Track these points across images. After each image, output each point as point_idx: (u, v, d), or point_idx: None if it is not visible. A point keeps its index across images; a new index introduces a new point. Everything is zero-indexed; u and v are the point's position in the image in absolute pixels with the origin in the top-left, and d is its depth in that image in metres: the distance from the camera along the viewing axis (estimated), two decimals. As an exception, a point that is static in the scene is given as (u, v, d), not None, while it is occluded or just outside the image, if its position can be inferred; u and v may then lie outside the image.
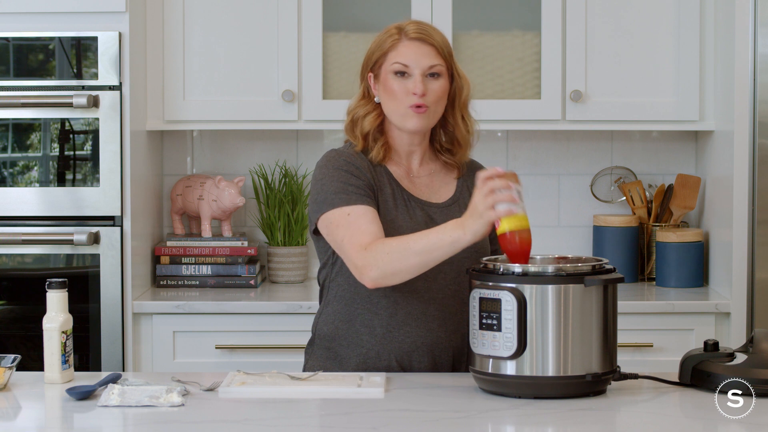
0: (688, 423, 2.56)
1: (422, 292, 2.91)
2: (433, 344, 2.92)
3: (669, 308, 4.03)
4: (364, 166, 2.93)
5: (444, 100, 2.94)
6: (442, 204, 2.99)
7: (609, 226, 4.38)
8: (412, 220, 2.92)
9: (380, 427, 2.46)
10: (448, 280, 2.92)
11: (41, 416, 2.63)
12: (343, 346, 2.96)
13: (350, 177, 2.89)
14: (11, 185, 4.00)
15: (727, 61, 4.05)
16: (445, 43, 2.95)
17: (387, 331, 2.92)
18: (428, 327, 2.92)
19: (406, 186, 2.98)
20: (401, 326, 2.92)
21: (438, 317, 2.92)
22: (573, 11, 4.20)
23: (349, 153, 2.95)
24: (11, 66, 3.97)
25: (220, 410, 2.58)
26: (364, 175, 2.91)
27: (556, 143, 4.55)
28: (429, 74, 2.91)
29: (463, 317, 2.89)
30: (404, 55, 2.91)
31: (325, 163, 2.93)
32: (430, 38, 2.92)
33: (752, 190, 3.98)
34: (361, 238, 2.80)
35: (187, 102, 4.23)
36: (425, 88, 2.89)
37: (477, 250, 2.91)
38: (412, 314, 2.91)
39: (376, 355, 2.92)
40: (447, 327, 2.93)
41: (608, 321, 2.64)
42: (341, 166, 2.91)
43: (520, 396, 2.62)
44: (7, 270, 4.00)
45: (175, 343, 4.01)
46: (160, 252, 4.33)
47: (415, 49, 2.91)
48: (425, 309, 2.92)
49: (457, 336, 2.94)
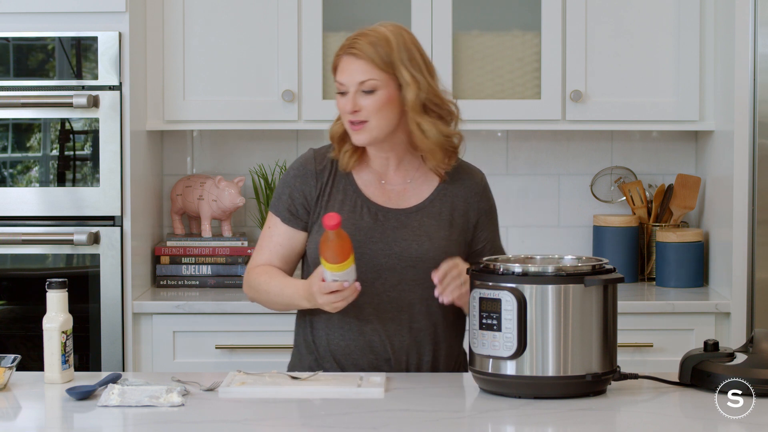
0: (688, 423, 2.56)
1: (357, 297, 2.90)
2: (366, 348, 2.92)
3: (669, 308, 4.03)
4: (314, 173, 2.95)
5: (386, 111, 2.87)
6: (403, 210, 2.95)
7: (609, 226, 4.38)
8: (354, 225, 2.91)
9: (380, 427, 2.46)
10: (387, 286, 2.92)
11: (41, 416, 2.63)
12: (300, 347, 3.03)
13: (293, 190, 2.97)
14: (11, 185, 4.00)
15: (727, 61, 4.05)
16: (385, 52, 2.86)
17: (326, 334, 2.95)
18: (361, 331, 2.93)
19: (370, 191, 2.96)
20: (337, 329, 2.94)
21: (373, 321, 2.92)
22: (573, 11, 4.20)
23: (308, 157, 2.99)
24: (11, 66, 3.97)
25: (220, 410, 2.58)
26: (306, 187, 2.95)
27: (556, 143, 4.55)
28: (362, 91, 2.87)
29: (401, 324, 2.92)
30: (340, 72, 2.90)
31: (292, 162, 3.03)
32: (360, 52, 2.86)
33: (752, 190, 3.98)
34: (256, 257, 3.01)
35: (187, 102, 4.23)
36: (356, 104, 2.86)
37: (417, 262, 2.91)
38: (346, 318, 2.93)
39: (322, 356, 2.96)
40: (381, 333, 2.92)
41: (608, 321, 2.64)
42: (295, 172, 2.98)
43: (520, 396, 2.62)
44: (7, 270, 4.00)
45: (175, 343, 4.01)
46: (160, 252, 4.33)
47: (347, 66, 2.89)
48: (359, 313, 2.92)
49: (393, 342, 2.92)
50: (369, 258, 2.90)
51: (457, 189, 2.98)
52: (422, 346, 2.94)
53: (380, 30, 2.91)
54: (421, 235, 2.92)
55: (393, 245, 2.91)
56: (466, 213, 2.98)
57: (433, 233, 2.93)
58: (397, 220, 2.94)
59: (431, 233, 2.92)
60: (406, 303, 2.92)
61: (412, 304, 2.92)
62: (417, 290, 2.92)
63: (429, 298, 2.91)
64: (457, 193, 2.98)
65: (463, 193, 2.99)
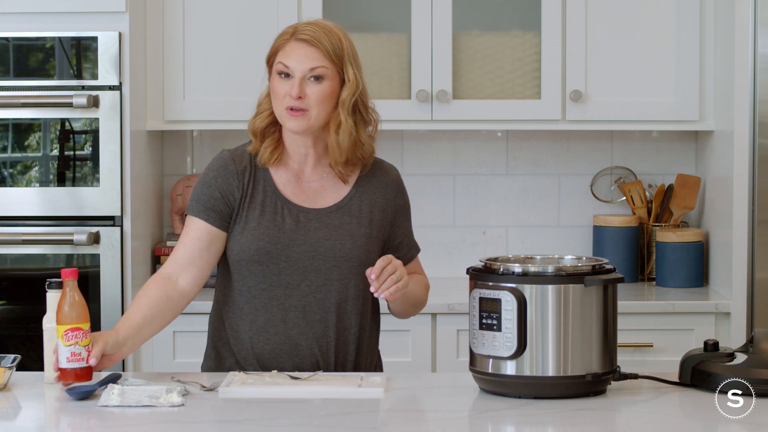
0: (688, 423, 2.56)
1: (282, 299, 2.91)
2: (292, 350, 2.92)
3: (669, 308, 4.03)
4: (236, 174, 2.93)
5: (327, 103, 2.87)
6: (322, 210, 2.94)
7: (609, 226, 4.38)
8: (277, 228, 2.90)
9: (380, 427, 2.46)
10: (313, 287, 2.91)
11: (41, 416, 2.63)
12: (220, 347, 3.01)
13: (213, 190, 2.93)
14: (11, 185, 4.00)
15: (727, 61, 4.05)
16: (335, 44, 2.87)
17: (249, 336, 2.94)
18: (287, 333, 2.92)
19: (288, 192, 2.94)
20: (261, 332, 2.93)
21: (299, 324, 2.91)
22: (573, 11, 4.20)
23: (226, 158, 2.96)
24: (11, 66, 3.97)
25: (220, 410, 2.58)
26: (228, 188, 2.92)
27: (556, 143, 4.55)
28: (311, 77, 2.86)
29: (327, 324, 2.91)
30: (288, 55, 2.88)
31: (208, 164, 2.98)
32: (316, 40, 2.86)
33: (752, 190, 3.98)
34: (166, 264, 2.94)
35: (187, 102, 4.23)
36: (303, 91, 2.85)
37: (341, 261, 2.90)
38: (272, 321, 2.92)
39: (243, 358, 2.95)
40: (308, 334, 2.91)
41: (608, 321, 2.64)
42: (215, 173, 2.94)
43: (520, 396, 2.62)
44: (7, 270, 4.00)
45: (175, 343, 4.01)
46: (160, 252, 4.33)
47: (300, 51, 2.87)
48: (285, 316, 2.91)
49: (320, 343, 2.92)
50: (294, 260, 2.90)
51: (374, 186, 2.97)
52: (347, 345, 2.94)
53: (328, 24, 2.92)
54: (343, 234, 2.91)
55: (317, 246, 2.90)
56: (384, 209, 2.97)
57: (354, 231, 2.92)
58: (318, 220, 2.92)
59: (353, 231, 2.92)
60: (333, 303, 2.91)
61: (338, 303, 2.91)
62: (342, 290, 2.91)
63: (354, 297, 2.92)
64: (374, 189, 2.97)
65: (380, 190, 2.98)
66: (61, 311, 2.70)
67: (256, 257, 2.90)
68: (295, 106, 2.86)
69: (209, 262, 2.93)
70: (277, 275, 2.90)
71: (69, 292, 2.71)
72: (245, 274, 2.93)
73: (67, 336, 2.69)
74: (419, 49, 4.21)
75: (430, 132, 4.51)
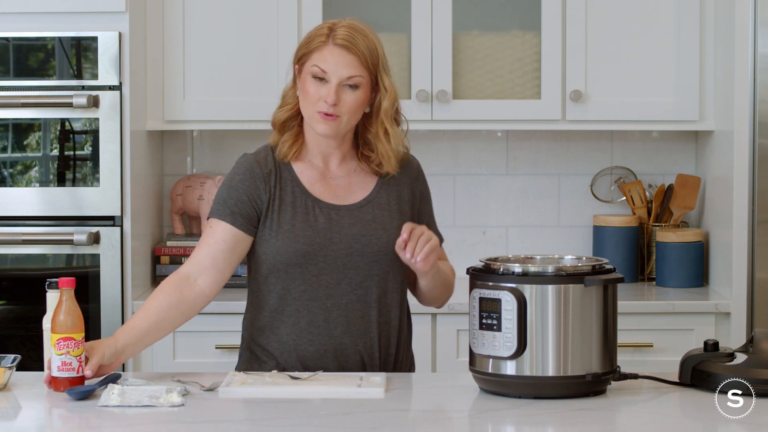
0: (688, 423, 2.56)
1: (323, 299, 2.91)
2: (337, 350, 2.91)
3: (669, 308, 4.03)
4: (262, 177, 2.92)
5: (359, 111, 2.89)
6: (353, 205, 2.94)
7: (609, 226, 4.38)
8: (312, 228, 2.90)
9: (380, 427, 2.46)
10: (354, 285, 2.91)
11: (41, 416, 2.63)
12: (259, 350, 2.99)
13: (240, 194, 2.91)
14: (11, 185, 4.00)
15: (727, 61, 4.05)
16: (372, 52, 2.88)
17: (292, 339, 2.93)
18: (331, 334, 2.91)
19: (316, 189, 2.94)
20: (304, 334, 2.92)
21: (342, 323, 2.91)
22: (573, 11, 4.20)
23: (251, 162, 2.95)
24: (11, 66, 3.97)
25: (220, 410, 2.58)
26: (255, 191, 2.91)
27: (556, 143, 4.55)
28: (347, 84, 2.86)
29: (369, 321, 2.92)
30: (325, 60, 2.86)
31: (232, 169, 2.97)
32: (355, 47, 2.86)
33: (752, 190, 3.98)
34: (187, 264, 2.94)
35: (187, 102, 4.23)
36: (338, 98, 2.85)
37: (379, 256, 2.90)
38: (314, 322, 2.92)
39: (285, 361, 2.94)
40: (352, 332, 2.92)
41: (608, 321, 2.64)
42: (241, 177, 2.93)
43: (520, 396, 2.62)
44: (7, 270, 4.00)
45: (175, 343, 4.01)
46: (160, 252, 4.33)
47: (338, 57, 2.86)
48: (327, 316, 2.91)
49: (364, 340, 2.92)
50: (332, 260, 2.90)
51: (399, 177, 2.98)
52: (390, 339, 2.94)
53: (364, 29, 2.91)
54: (377, 227, 2.91)
55: (353, 243, 2.90)
56: (410, 199, 2.99)
57: (387, 224, 2.92)
58: (350, 216, 2.92)
59: (386, 224, 2.92)
60: (374, 298, 2.92)
61: (378, 297, 2.92)
62: (381, 283, 2.92)
63: (393, 290, 2.93)
64: (398, 181, 2.98)
65: (404, 180, 2.99)
66: (55, 320, 2.70)
67: (294, 260, 2.89)
68: (330, 112, 2.86)
69: (231, 264, 2.93)
70: (317, 276, 2.90)
71: (65, 301, 2.71)
72: (283, 277, 2.92)
73: (59, 345, 2.69)
74: (419, 49, 4.21)
75: (430, 132, 4.51)
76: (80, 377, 2.71)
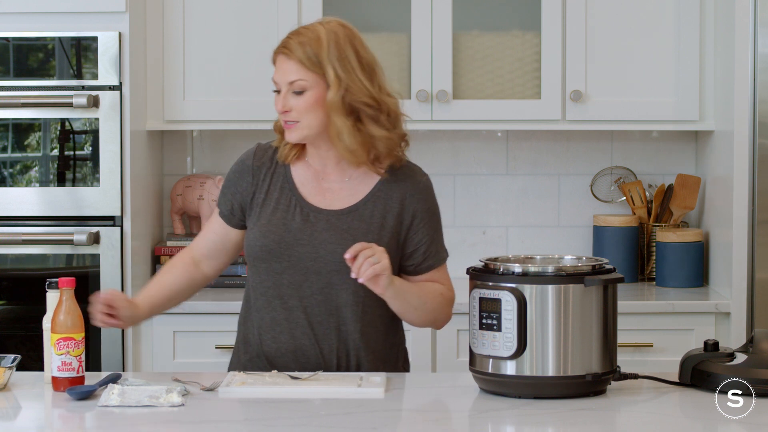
0: (688, 423, 2.56)
1: (285, 299, 2.91)
2: (298, 351, 2.91)
3: (669, 308, 4.03)
4: (251, 169, 2.96)
5: (317, 112, 2.85)
6: (335, 211, 2.91)
7: (609, 226, 4.38)
8: (285, 227, 2.91)
9: (380, 427, 2.46)
10: (314, 290, 2.89)
11: (41, 416, 2.63)
12: (238, 344, 3.05)
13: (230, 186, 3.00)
14: (11, 185, 4.00)
15: (727, 61, 4.05)
16: (314, 51, 2.84)
17: (258, 334, 2.96)
18: (292, 334, 2.92)
19: (305, 190, 2.94)
20: (268, 330, 2.94)
21: (302, 325, 2.91)
22: (573, 11, 4.20)
23: (249, 153, 3.01)
24: (11, 66, 3.97)
25: (220, 410, 2.58)
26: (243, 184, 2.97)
27: (556, 143, 4.55)
28: (292, 91, 2.86)
29: (328, 327, 2.90)
30: (275, 72, 2.90)
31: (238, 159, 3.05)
32: (291, 52, 2.85)
33: (752, 190, 3.98)
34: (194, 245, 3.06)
35: (187, 102, 4.23)
36: (286, 104, 2.87)
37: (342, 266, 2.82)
38: (277, 320, 2.93)
39: (256, 356, 2.97)
40: (311, 335, 2.91)
41: (608, 321, 2.64)
42: (235, 167, 3.02)
43: (520, 396, 2.62)
44: (7, 270, 4.00)
45: (175, 343, 4.01)
46: (160, 252, 4.32)
47: (280, 65, 2.89)
48: (288, 315, 2.92)
49: (323, 346, 2.91)
50: (296, 260, 2.89)
51: (394, 190, 2.93)
52: (349, 350, 2.92)
53: (315, 28, 2.90)
54: (348, 238, 2.87)
55: (319, 248, 2.88)
56: (399, 215, 2.92)
57: (360, 237, 2.86)
58: (327, 221, 2.91)
59: (358, 237, 2.86)
60: (333, 307, 2.90)
61: (339, 307, 2.89)
62: (342, 295, 2.89)
63: (354, 304, 2.89)
64: (392, 194, 2.93)
65: (398, 195, 2.93)
66: (55, 320, 2.70)
67: (261, 255, 2.91)
68: (286, 119, 2.88)
69: (227, 253, 3.04)
70: (280, 274, 2.91)
71: (65, 301, 2.71)
72: (254, 271, 2.96)
73: (59, 345, 2.69)
74: (419, 49, 4.21)
75: (430, 132, 4.51)
76: (80, 377, 2.71)
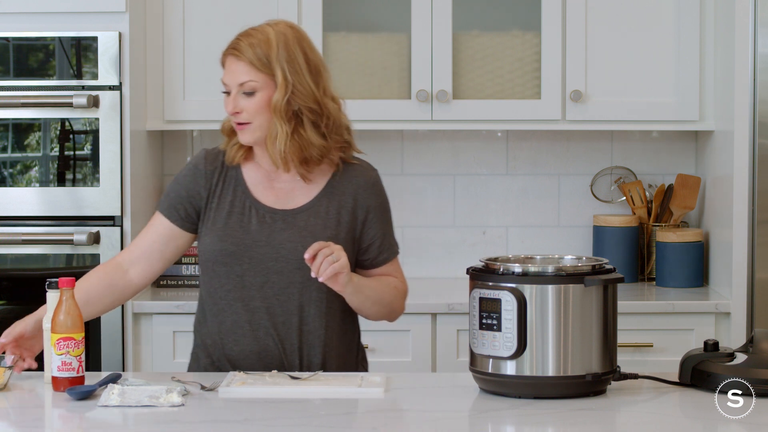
0: (688, 423, 2.56)
1: (246, 301, 2.90)
2: (261, 352, 2.91)
3: (669, 308, 4.03)
4: (204, 173, 2.94)
5: (268, 113, 2.85)
6: (290, 211, 2.91)
7: (609, 226, 4.38)
8: (243, 229, 2.90)
9: (380, 427, 2.46)
10: (276, 290, 2.89)
11: (41, 416, 2.63)
12: (196, 347, 3.02)
13: (181, 188, 2.96)
14: (11, 185, 4.00)
15: (727, 61, 4.05)
16: (263, 52, 2.85)
17: (219, 338, 2.94)
18: (255, 335, 2.91)
19: (258, 192, 2.94)
20: (229, 333, 2.93)
21: (264, 326, 2.91)
22: (573, 11, 4.20)
23: (200, 157, 2.98)
24: (11, 66, 3.97)
25: (220, 410, 2.58)
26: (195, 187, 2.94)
27: (556, 143, 4.55)
28: (243, 92, 2.86)
29: (290, 327, 2.90)
30: (225, 73, 2.89)
31: (186, 163, 3.02)
32: (240, 53, 2.85)
33: (752, 190, 3.98)
34: (122, 252, 3.01)
35: (187, 102, 4.23)
36: (237, 105, 2.86)
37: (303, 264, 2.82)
38: (238, 322, 2.92)
39: (218, 359, 2.95)
40: (274, 336, 2.90)
41: (608, 321, 2.64)
42: (187, 172, 2.98)
43: (520, 396, 2.62)
44: (7, 270, 4.00)
45: (175, 343, 4.01)
46: (160, 252, 4.32)
47: (230, 66, 2.88)
48: (251, 317, 2.91)
49: (285, 346, 2.91)
50: (257, 262, 2.89)
51: (345, 186, 2.94)
52: (312, 348, 2.91)
53: (264, 29, 2.90)
54: (306, 235, 2.87)
55: (279, 248, 2.88)
56: (353, 210, 2.93)
57: (318, 233, 2.88)
58: (283, 221, 2.91)
59: (317, 233, 2.88)
60: (295, 305, 2.89)
61: (300, 306, 2.90)
62: (305, 292, 2.89)
63: (317, 300, 2.89)
64: (344, 190, 2.94)
65: (351, 190, 2.94)
66: (55, 320, 2.70)
67: (220, 258, 2.90)
68: (237, 120, 2.88)
69: (163, 258, 2.97)
70: (241, 276, 2.90)
71: (65, 301, 2.71)
72: (211, 275, 2.94)
73: (59, 345, 2.69)
74: (419, 49, 4.21)
75: (430, 132, 4.51)
76: (80, 377, 2.71)
